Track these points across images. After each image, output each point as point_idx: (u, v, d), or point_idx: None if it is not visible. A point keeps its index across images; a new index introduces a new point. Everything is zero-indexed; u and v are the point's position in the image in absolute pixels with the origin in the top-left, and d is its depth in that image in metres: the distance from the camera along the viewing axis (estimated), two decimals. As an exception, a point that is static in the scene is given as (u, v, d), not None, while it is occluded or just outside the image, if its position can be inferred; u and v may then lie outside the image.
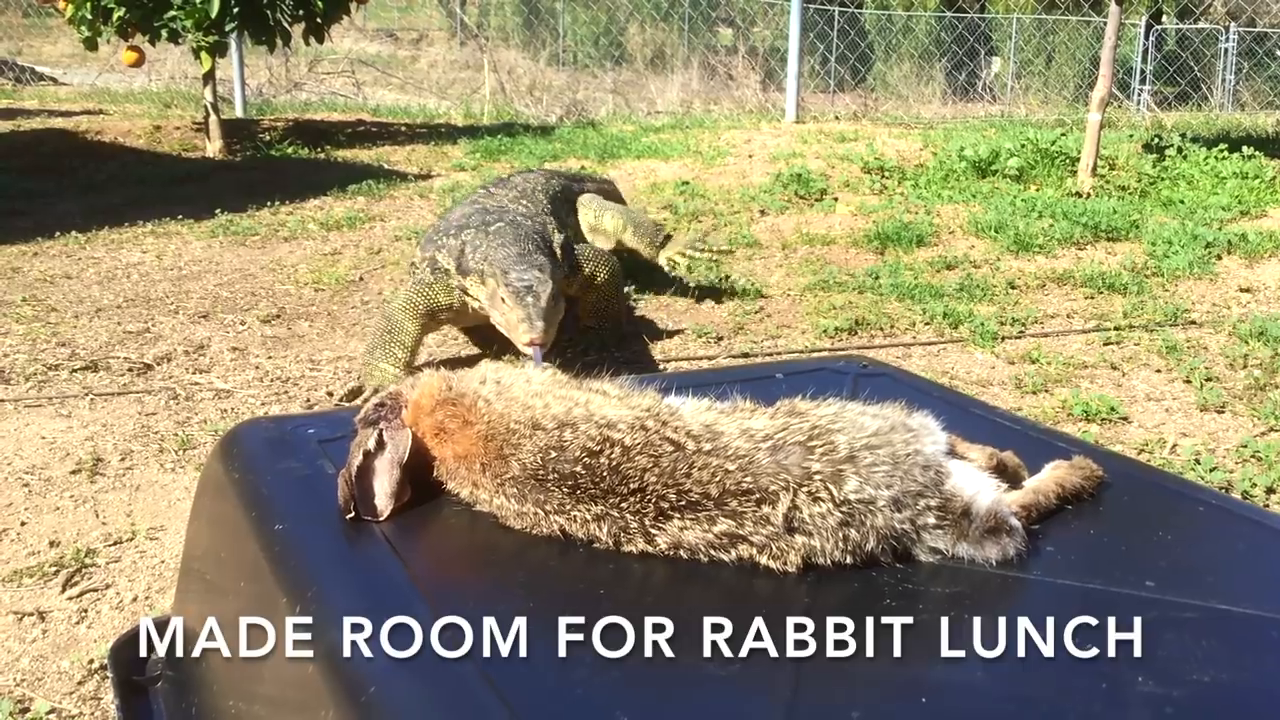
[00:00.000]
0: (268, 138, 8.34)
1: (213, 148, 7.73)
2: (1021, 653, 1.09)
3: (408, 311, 3.53)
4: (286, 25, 7.64)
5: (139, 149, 8.02)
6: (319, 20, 7.74)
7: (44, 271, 4.84)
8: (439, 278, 3.55)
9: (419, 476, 1.39)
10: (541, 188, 4.31)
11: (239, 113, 9.82)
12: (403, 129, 9.22)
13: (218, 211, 5.92)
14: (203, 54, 7.38)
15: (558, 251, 3.70)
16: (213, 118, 7.73)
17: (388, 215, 6.10)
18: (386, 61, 16.36)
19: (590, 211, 4.58)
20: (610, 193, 5.09)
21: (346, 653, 1.10)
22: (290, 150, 7.97)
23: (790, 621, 1.13)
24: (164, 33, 7.37)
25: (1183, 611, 1.16)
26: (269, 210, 6.08)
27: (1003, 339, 4.11)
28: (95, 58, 11.18)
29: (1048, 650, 1.08)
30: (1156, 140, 7.86)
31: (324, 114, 10.06)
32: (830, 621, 1.14)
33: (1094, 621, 1.13)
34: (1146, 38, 14.22)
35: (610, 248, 4.42)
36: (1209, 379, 3.69)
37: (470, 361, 2.56)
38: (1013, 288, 4.78)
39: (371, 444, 1.38)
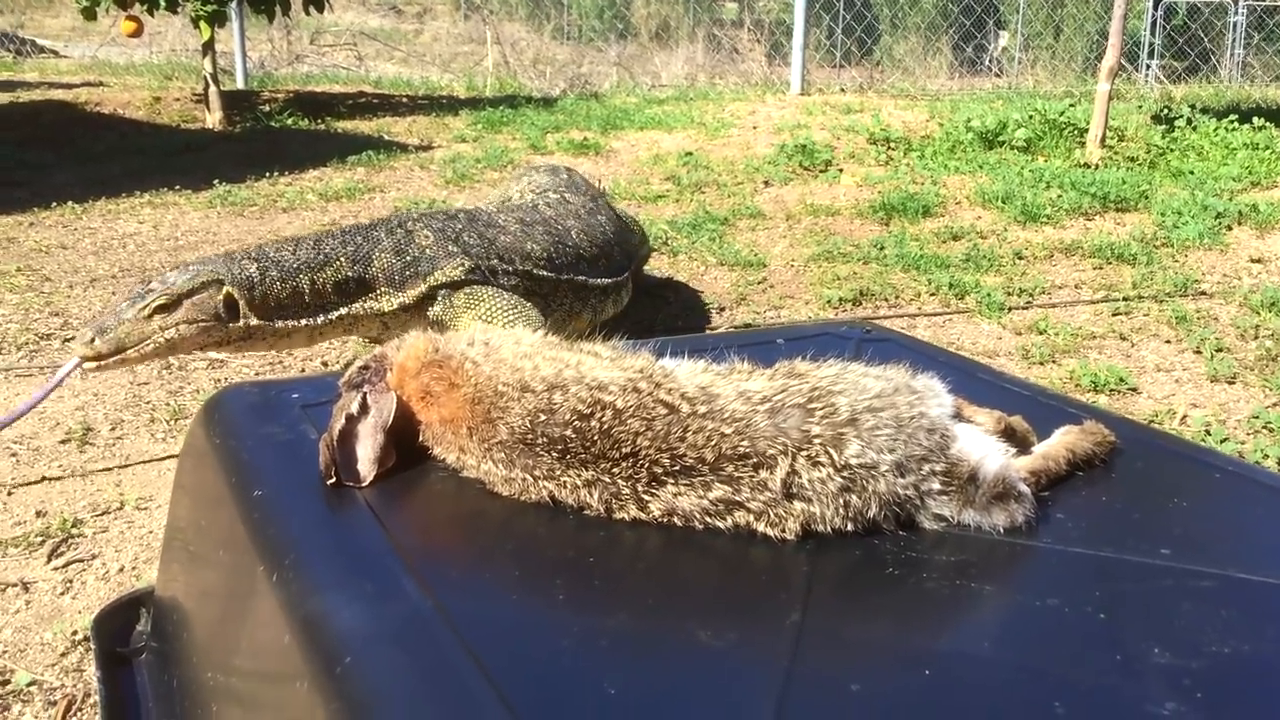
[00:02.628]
0: (268, 109, 8.27)
1: (212, 119, 7.67)
2: (1030, 623, 1.04)
3: None
4: (286, -6, 7.57)
5: (138, 120, 7.95)
6: (319, -11, 7.66)
7: (39, 241, 4.78)
8: None
9: (404, 441, 1.34)
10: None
11: (240, 84, 9.74)
12: (404, 101, 9.14)
13: (216, 182, 5.87)
14: (202, 23, 7.30)
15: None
16: (212, 89, 7.66)
17: (387, 186, 6.04)
18: (389, 35, 16.24)
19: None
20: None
21: (323, 622, 1.05)
22: (290, 121, 7.90)
23: (788, 590, 1.08)
24: (162, 2, 7.30)
25: (1199, 580, 1.10)
26: (267, 181, 6.02)
27: (1009, 309, 4.05)
28: (96, 30, 11.11)
29: (1057, 620, 1.03)
30: (1166, 112, 7.77)
31: (325, 86, 9.98)
32: (829, 590, 1.10)
33: (1106, 590, 1.08)
34: (1155, 10, 14.07)
35: None
36: (1219, 350, 3.62)
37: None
38: (1020, 258, 4.71)
39: (355, 408, 1.33)
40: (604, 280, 3.32)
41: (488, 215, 3.12)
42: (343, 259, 2.73)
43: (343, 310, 2.74)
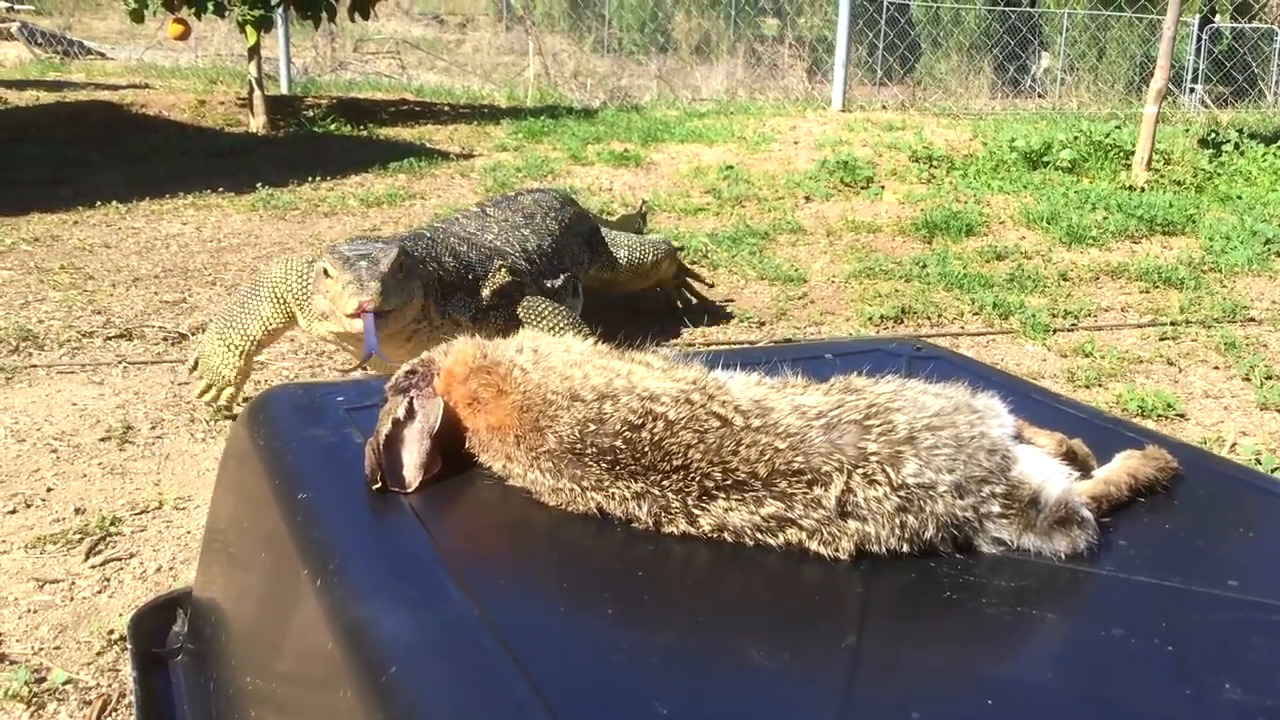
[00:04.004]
0: (311, 114, 8.32)
1: (256, 123, 7.71)
2: (1095, 653, 1.00)
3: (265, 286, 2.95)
4: (333, 1, 7.61)
5: (183, 122, 8.02)
6: (364, -4, 7.71)
7: (83, 240, 4.82)
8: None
9: (450, 447, 1.32)
10: (555, 214, 3.54)
11: (284, 89, 9.80)
12: (446, 109, 9.17)
13: (258, 185, 5.90)
14: (248, 28, 7.35)
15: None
16: (257, 93, 7.70)
17: (428, 193, 6.05)
18: (431, 44, 16.34)
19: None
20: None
21: (367, 629, 1.03)
22: (333, 127, 7.94)
23: (841, 611, 1.05)
24: (209, 6, 7.36)
25: (1269, 613, 1.07)
26: (309, 185, 6.05)
27: (1054, 331, 3.99)
28: (143, 33, 11.23)
29: (1123, 651, 1.00)
30: (1213, 136, 7.68)
31: (368, 93, 10.03)
32: (885, 613, 1.07)
33: (1173, 621, 1.05)
34: (1200, 34, 13.94)
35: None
36: (1269, 377, 3.56)
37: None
38: (1065, 279, 4.66)
39: (401, 412, 1.31)
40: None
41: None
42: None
43: None
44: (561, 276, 3.30)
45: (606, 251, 3.79)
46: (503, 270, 3.00)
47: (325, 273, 2.52)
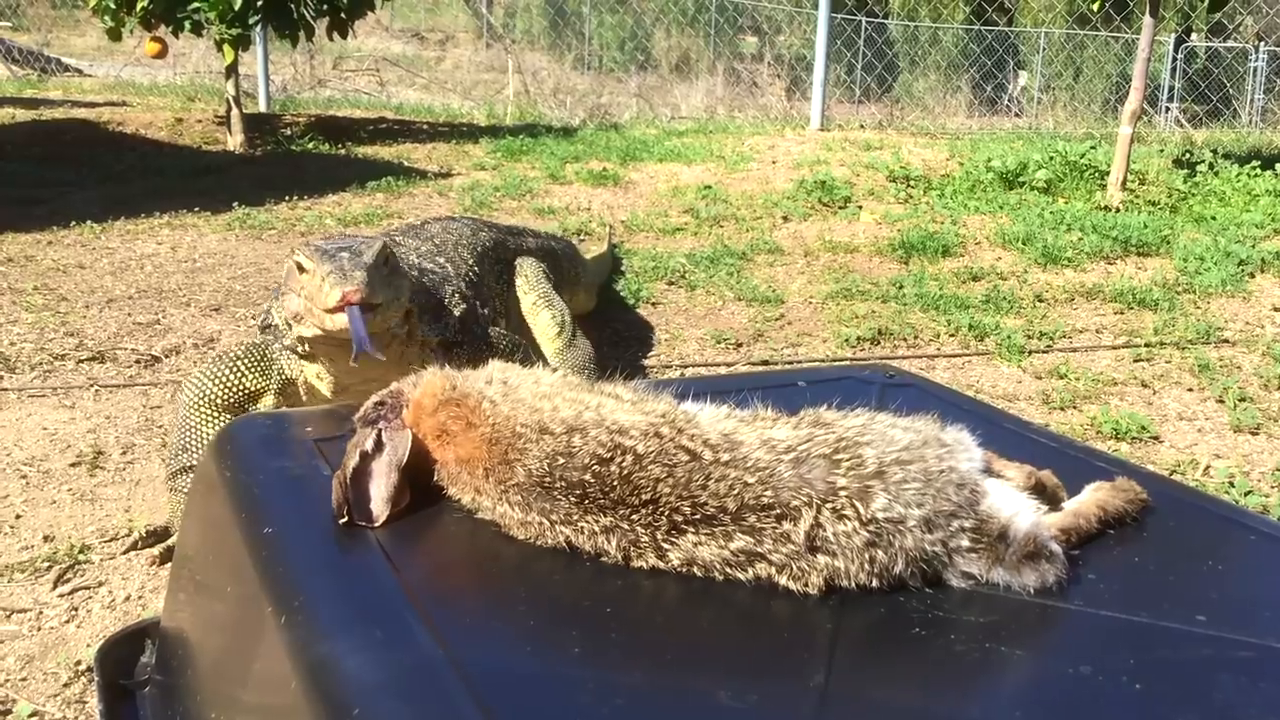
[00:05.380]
0: (289, 133, 8.30)
1: (234, 141, 7.69)
2: (1062, 691, 1.00)
3: (198, 407, 2.47)
4: (310, 19, 7.60)
5: (160, 141, 7.99)
6: (343, 15, 7.71)
7: (57, 260, 4.78)
8: (253, 350, 2.51)
9: (418, 480, 1.31)
10: (466, 241, 3.17)
11: (262, 107, 9.78)
12: (425, 127, 9.17)
13: (235, 205, 5.87)
14: (225, 46, 7.34)
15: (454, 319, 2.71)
16: (234, 111, 7.68)
17: (406, 212, 6.04)
18: (411, 61, 16.35)
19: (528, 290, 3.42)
20: (563, 253, 3.99)
21: (331, 668, 1.02)
22: (311, 146, 7.92)
23: (810, 648, 1.05)
24: (187, 24, 7.35)
25: (1237, 650, 1.07)
26: (286, 205, 6.03)
27: (1030, 353, 4.01)
28: (121, 50, 11.19)
29: (1091, 690, 0.99)
30: (1187, 156, 7.74)
31: (347, 111, 10.02)
32: (854, 650, 1.06)
33: (1140, 658, 1.05)
34: (1176, 54, 14.08)
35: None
36: (1243, 399, 3.58)
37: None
38: (1040, 301, 4.68)
39: (369, 445, 1.30)
40: None
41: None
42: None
43: None
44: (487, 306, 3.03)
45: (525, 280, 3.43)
46: (456, 296, 2.75)
47: (299, 268, 2.18)
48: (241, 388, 2.44)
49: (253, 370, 2.44)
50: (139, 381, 3.43)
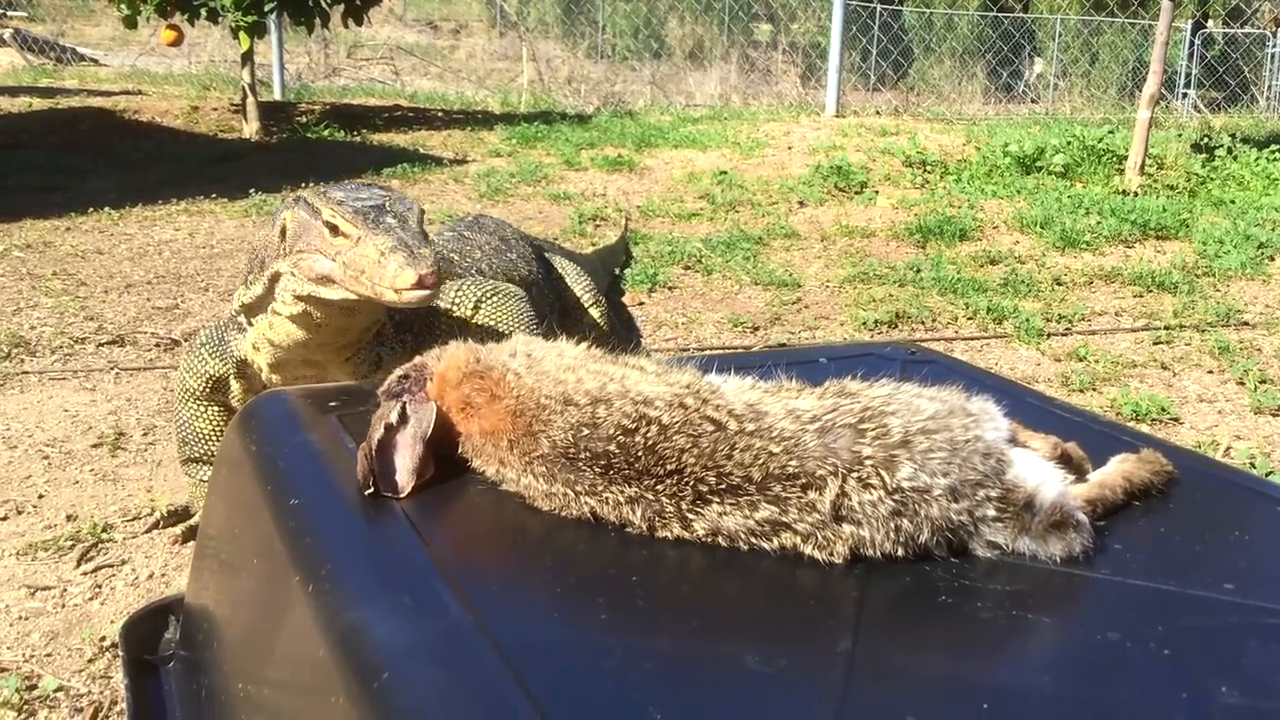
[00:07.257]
0: (304, 120, 8.30)
1: (249, 129, 7.70)
2: (1091, 657, 1.00)
3: (184, 401, 2.38)
4: (326, 7, 7.60)
5: (176, 129, 8.01)
6: (358, 2, 7.70)
7: (75, 246, 4.80)
8: (213, 334, 2.36)
9: (443, 452, 1.31)
10: (515, 235, 3.11)
11: (277, 96, 9.79)
12: (439, 115, 9.17)
13: (252, 191, 5.88)
14: (241, 34, 7.34)
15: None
16: (250, 99, 7.69)
17: (422, 199, 6.04)
18: (425, 50, 16.32)
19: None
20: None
21: (360, 635, 1.02)
22: (326, 133, 7.93)
23: (837, 616, 1.05)
24: (203, 12, 7.35)
25: (1266, 617, 1.06)
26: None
27: (1048, 335, 3.99)
28: (136, 39, 11.22)
29: (1119, 655, 0.99)
30: (1205, 140, 7.69)
31: (361, 99, 10.02)
32: (880, 617, 1.06)
33: (1169, 625, 1.04)
34: (1193, 39, 13.98)
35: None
36: (1263, 381, 3.56)
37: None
38: (1059, 284, 4.66)
39: (394, 417, 1.31)
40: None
41: None
42: None
43: None
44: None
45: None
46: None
47: (334, 229, 1.98)
48: (206, 374, 2.32)
49: (214, 355, 2.32)
50: (159, 364, 3.44)
